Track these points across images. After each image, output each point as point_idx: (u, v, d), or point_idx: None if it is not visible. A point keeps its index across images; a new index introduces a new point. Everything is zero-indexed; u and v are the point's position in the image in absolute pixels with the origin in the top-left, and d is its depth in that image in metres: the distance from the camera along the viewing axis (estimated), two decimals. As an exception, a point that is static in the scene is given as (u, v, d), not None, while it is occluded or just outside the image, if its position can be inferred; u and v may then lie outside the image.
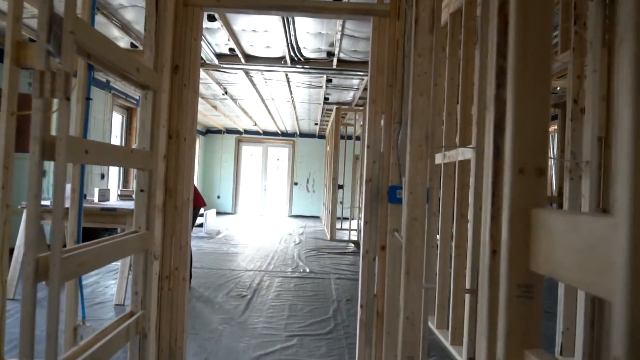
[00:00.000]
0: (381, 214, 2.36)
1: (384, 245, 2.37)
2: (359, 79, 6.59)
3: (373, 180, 2.36)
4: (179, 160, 2.33)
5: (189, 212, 2.39)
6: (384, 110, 2.37)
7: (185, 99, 2.35)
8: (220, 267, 5.62)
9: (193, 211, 4.43)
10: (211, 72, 6.71)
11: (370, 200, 2.35)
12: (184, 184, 2.35)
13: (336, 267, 5.93)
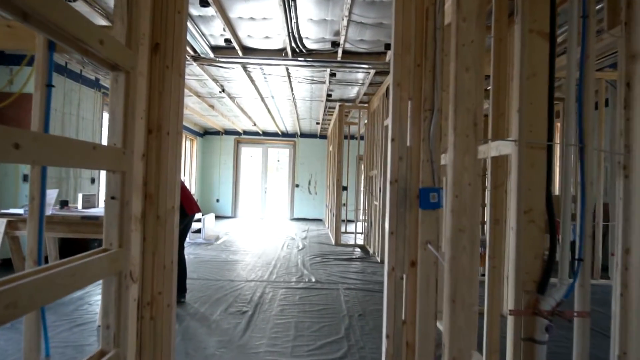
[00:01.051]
0: (410, 222, 1.92)
1: (414, 261, 1.93)
2: (365, 72, 6.16)
3: (399, 181, 1.93)
4: (162, 160, 1.90)
5: (174, 223, 1.95)
6: (411, 95, 1.94)
7: (168, 85, 1.91)
8: (219, 277, 5.18)
9: (186, 219, 4.00)
10: (207, 68, 6.28)
11: (396, 205, 1.91)
12: (168, 189, 1.91)
13: (344, 276, 5.49)
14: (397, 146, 1.92)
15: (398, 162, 1.91)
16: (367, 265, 6.31)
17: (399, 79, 1.95)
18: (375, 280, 5.27)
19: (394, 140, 1.92)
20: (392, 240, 1.91)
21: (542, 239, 2.14)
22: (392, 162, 1.92)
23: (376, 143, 7.24)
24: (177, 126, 1.93)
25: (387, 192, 1.93)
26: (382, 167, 6.58)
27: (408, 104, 1.94)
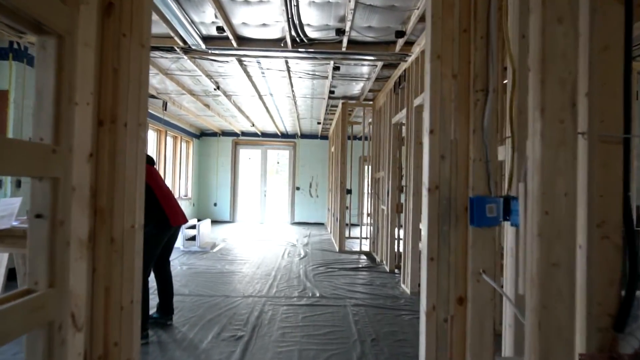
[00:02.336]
0: (457, 243, 1.42)
1: (462, 297, 1.42)
2: (371, 65, 5.66)
3: (441, 188, 1.42)
4: (117, 161, 1.39)
5: (135, 247, 1.44)
6: (456, 71, 1.43)
7: (126, 59, 1.41)
8: (213, 292, 4.66)
9: (169, 231, 3.49)
10: (199, 63, 5.78)
11: (437, 221, 1.40)
12: (127, 201, 1.41)
13: (350, 289, 4.97)
14: (437, 140, 1.41)
15: (439, 162, 1.41)
16: (375, 275, 5.80)
17: (438, 50, 1.44)
18: (385, 294, 4.76)
19: (433, 132, 1.41)
20: (431, 268, 1.41)
21: (619, 260, 1.62)
22: (430, 163, 1.41)
23: (383, 143, 6.73)
24: (138, 116, 1.42)
25: (423, 203, 1.41)
26: (389, 169, 6.08)
27: (451, 83, 1.44)
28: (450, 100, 1.42)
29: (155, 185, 3.26)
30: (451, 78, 1.43)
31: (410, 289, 4.79)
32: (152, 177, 3.28)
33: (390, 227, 6.05)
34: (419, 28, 4.31)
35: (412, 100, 4.87)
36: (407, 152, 5.05)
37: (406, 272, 4.97)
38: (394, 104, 5.95)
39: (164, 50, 5.09)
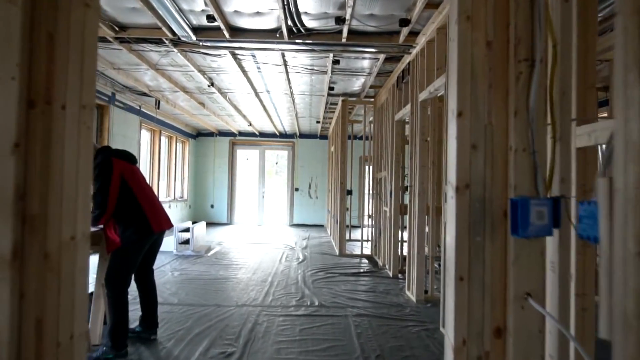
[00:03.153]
0: (493, 259, 1.10)
1: (500, 328, 1.10)
2: (373, 57, 5.34)
3: (473, 187, 1.10)
4: (53, 154, 1.07)
5: (79, 264, 1.12)
6: (490, 36, 1.11)
7: (65, 23, 1.09)
8: (204, 301, 4.34)
9: (151, 238, 3.15)
10: (191, 57, 5.46)
11: (467, 229, 1.08)
12: (66, 204, 1.08)
13: (352, 297, 4.65)
14: (467, 126, 1.09)
15: (470, 153, 1.09)
16: (377, 281, 5.47)
17: (467, 9, 1.12)
18: (389, 302, 4.44)
19: (462, 115, 1.09)
20: (461, 291, 1.09)
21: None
22: (458, 155, 1.09)
23: (385, 141, 6.42)
24: (81, 95, 1.10)
25: (449, 206, 1.09)
26: (392, 168, 5.76)
27: (485, 51, 1.12)
28: (484, 74, 1.10)
29: (136, 186, 2.95)
30: (484, 46, 1.11)
31: (416, 296, 4.47)
32: (133, 177, 2.97)
33: (393, 230, 5.73)
34: (425, 16, 4.00)
35: (417, 95, 4.56)
36: (412, 150, 4.73)
37: (411, 278, 4.65)
38: (397, 100, 5.64)
39: (152, 43, 4.78)
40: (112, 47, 5.05)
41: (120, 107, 7.65)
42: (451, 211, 1.11)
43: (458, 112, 1.09)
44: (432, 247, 4.67)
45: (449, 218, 1.11)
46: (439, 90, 3.92)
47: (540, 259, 1.05)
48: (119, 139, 7.61)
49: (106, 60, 5.73)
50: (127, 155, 3.04)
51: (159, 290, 4.68)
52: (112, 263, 2.86)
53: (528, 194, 1.05)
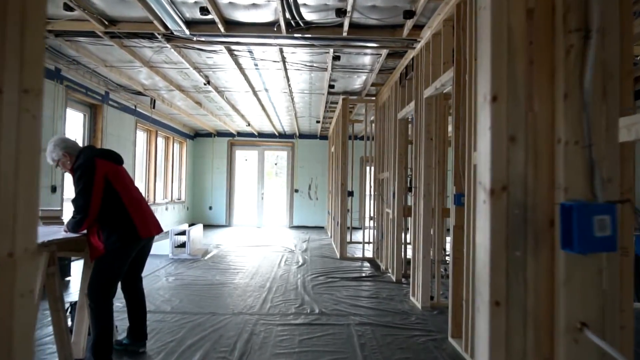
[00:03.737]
0: (537, 279, 0.87)
1: (547, 364, 0.87)
2: (375, 53, 5.13)
3: (512, 188, 0.88)
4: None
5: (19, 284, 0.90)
6: (532, 3, 0.89)
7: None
8: (198, 309, 4.12)
9: (139, 244, 2.91)
10: (186, 53, 5.25)
11: (504, 242, 0.86)
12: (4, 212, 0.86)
13: (354, 303, 4.43)
14: (503, 113, 0.88)
15: (508, 147, 0.87)
16: (380, 286, 5.25)
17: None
18: (393, 310, 4.22)
19: (497, 100, 0.88)
20: (497, 318, 0.87)
21: None
22: (493, 148, 0.88)
23: (387, 141, 6.21)
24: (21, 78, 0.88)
25: (479, 212, 0.88)
26: (395, 169, 5.55)
27: (524, 22, 0.90)
28: (524, 48, 0.88)
29: (122, 188, 2.73)
30: (524, 14, 0.90)
31: (422, 303, 4.25)
32: (118, 178, 2.75)
33: (396, 233, 5.51)
34: (430, 7, 3.79)
35: (421, 92, 4.34)
36: (416, 150, 4.51)
37: (416, 284, 4.43)
38: (400, 98, 5.43)
39: (144, 38, 4.57)
40: (103, 43, 4.84)
41: (114, 107, 7.44)
42: (483, 219, 0.89)
43: (492, 96, 0.88)
44: (437, 251, 4.46)
45: (480, 228, 0.90)
46: (445, 85, 3.70)
47: (597, 280, 0.84)
48: (114, 140, 7.39)
49: (98, 58, 5.51)
50: (112, 155, 2.83)
51: (152, 296, 4.46)
52: (96, 271, 2.64)
53: (582, 197, 0.84)
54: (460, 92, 3.36)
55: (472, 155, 2.97)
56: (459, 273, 3.35)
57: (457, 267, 3.35)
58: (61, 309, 2.61)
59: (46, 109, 5.48)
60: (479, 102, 0.93)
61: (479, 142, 0.92)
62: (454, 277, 3.37)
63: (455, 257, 3.38)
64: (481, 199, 0.91)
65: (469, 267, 2.97)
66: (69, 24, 4.26)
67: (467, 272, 2.99)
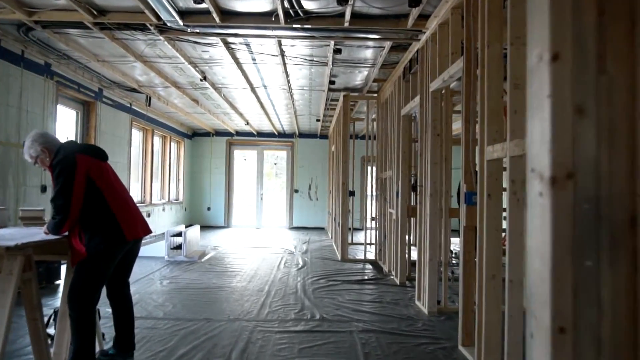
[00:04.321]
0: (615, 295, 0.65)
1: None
2: (377, 46, 4.91)
3: (580, 177, 0.66)
4: None
5: None
6: None
7: None
8: (193, 315, 3.90)
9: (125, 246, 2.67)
10: (180, 47, 5.03)
11: (571, 248, 0.64)
12: None
13: (357, 308, 4.21)
14: (567, 76, 0.66)
15: (574, 121, 0.66)
16: (383, 290, 5.03)
17: None
18: (398, 315, 4.00)
19: (558, 59, 0.66)
20: (562, 349, 0.65)
21: None
22: (553, 123, 0.66)
23: (390, 138, 5.99)
24: None
25: (531, 206, 0.65)
26: (398, 167, 5.33)
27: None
28: None
29: (106, 186, 2.51)
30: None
31: (428, 308, 4.02)
32: (102, 176, 2.53)
33: (400, 234, 5.29)
34: (438, -5, 3.57)
35: (427, 85, 4.13)
36: (422, 146, 4.30)
37: (422, 287, 4.21)
38: (404, 93, 5.21)
39: (136, 29, 4.35)
40: (93, 35, 4.63)
41: (108, 104, 7.22)
42: (540, 218, 0.67)
43: (552, 54, 0.66)
44: (444, 253, 4.24)
45: (535, 229, 0.68)
46: (454, 77, 3.48)
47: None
48: (108, 138, 7.18)
49: (89, 52, 5.30)
50: (95, 151, 2.61)
51: (144, 301, 4.25)
52: (77, 277, 2.42)
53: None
54: (470, 83, 3.15)
55: (485, 151, 2.75)
56: (469, 277, 3.13)
57: (468, 270, 3.13)
58: (39, 317, 2.40)
59: (35, 106, 5.27)
60: (530, 65, 0.71)
61: (531, 116, 0.70)
62: (464, 281, 3.15)
63: (465, 260, 3.16)
64: (535, 191, 0.69)
65: (481, 270, 2.75)
66: (56, 14, 4.04)
67: (480, 275, 2.77)
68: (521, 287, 2.41)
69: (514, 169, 2.40)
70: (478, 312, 2.81)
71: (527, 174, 0.71)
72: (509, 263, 2.39)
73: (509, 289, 2.40)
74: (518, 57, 2.42)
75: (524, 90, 2.51)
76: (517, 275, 2.39)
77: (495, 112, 2.74)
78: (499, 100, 2.75)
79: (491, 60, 2.74)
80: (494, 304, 2.70)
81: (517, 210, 2.40)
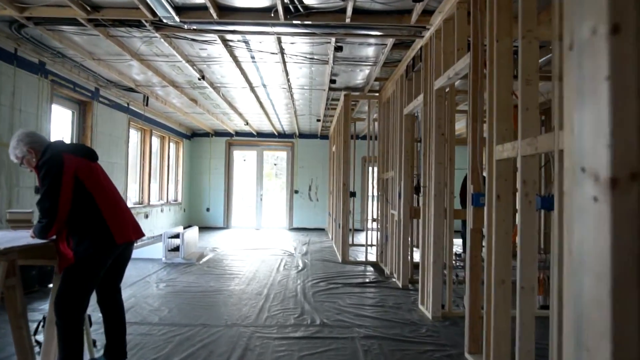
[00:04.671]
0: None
1: None
2: (379, 44, 4.79)
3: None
4: None
5: None
6: None
7: None
8: (188, 320, 3.77)
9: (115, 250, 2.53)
10: (177, 44, 4.91)
11: (637, 265, 0.51)
12: None
13: (358, 313, 4.08)
14: (630, 53, 0.53)
15: (639, 109, 0.53)
16: (385, 293, 4.90)
17: None
18: (402, 320, 3.87)
19: (619, 31, 0.53)
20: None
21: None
22: (614, 110, 0.53)
23: (392, 138, 5.87)
24: None
25: (582, 214, 0.52)
26: (400, 167, 5.20)
27: None
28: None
29: (95, 188, 2.39)
30: None
31: (432, 312, 3.89)
32: (91, 177, 2.41)
33: (402, 236, 5.16)
34: (443, -11, 3.45)
35: (431, 83, 4.01)
36: (425, 146, 4.17)
37: (426, 291, 4.08)
38: (406, 92, 5.09)
39: (131, 26, 4.23)
40: (88, 33, 4.51)
41: (105, 104, 7.09)
42: (595, 228, 0.55)
43: (611, 25, 0.53)
44: (449, 255, 4.11)
45: (586, 241, 0.56)
46: (459, 74, 3.35)
47: None
48: (105, 138, 7.05)
49: (84, 50, 5.17)
50: (84, 150, 2.49)
51: (139, 306, 4.12)
52: (64, 283, 2.29)
53: None
54: (477, 80, 3.02)
55: (493, 150, 2.62)
56: (476, 281, 3.01)
57: (475, 274, 3.01)
58: (24, 326, 2.27)
59: (29, 105, 5.14)
60: (579, 40, 0.58)
61: (580, 104, 0.58)
62: (471, 285, 3.02)
63: (472, 264, 3.03)
64: (587, 196, 0.57)
65: (490, 275, 2.62)
66: (49, 10, 3.92)
67: (488, 280, 2.65)
68: (533, 294, 2.28)
69: (526, 168, 2.28)
70: (486, 318, 2.68)
71: (568, 174, 0.59)
72: (520, 268, 2.26)
73: (520, 295, 2.27)
74: (530, 51, 2.29)
75: (536, 87, 2.39)
76: (529, 282, 2.27)
77: (504, 110, 2.61)
78: (508, 97, 2.62)
79: (500, 55, 2.62)
80: (503, 310, 2.57)
81: (529, 213, 2.28)
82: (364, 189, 10.70)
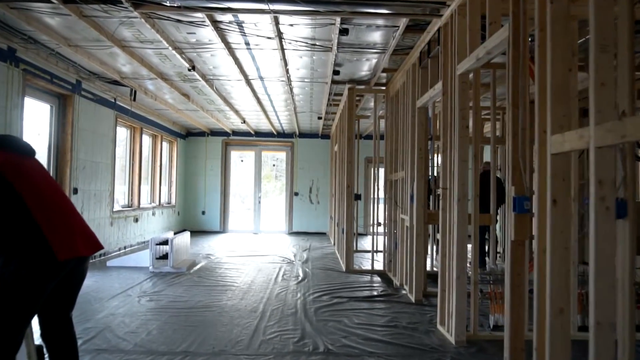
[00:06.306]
0: None
1: None
2: (390, 26, 4.22)
3: None
4: None
5: None
6: None
7: None
8: (169, 347, 3.19)
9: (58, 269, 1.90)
10: (160, 26, 4.33)
11: None
12: None
13: (368, 336, 3.50)
14: None
15: None
16: (397, 309, 4.32)
17: None
18: (420, 345, 3.28)
19: None
20: None
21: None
22: None
23: (402, 135, 5.30)
24: None
25: None
26: (412, 167, 4.64)
27: None
28: None
29: (29, 190, 1.82)
30: None
31: (455, 336, 3.31)
32: (22, 176, 1.84)
33: (415, 243, 4.58)
34: (470, -47, 2.88)
35: (453, 68, 3.44)
36: (445, 141, 3.60)
37: (447, 311, 3.50)
38: (420, 82, 4.52)
39: (106, 2, 3.65)
40: (59, 12, 3.95)
41: (88, 98, 6.52)
42: None
43: None
44: (474, 269, 3.54)
45: None
46: (492, 52, 2.78)
47: None
48: (87, 135, 6.49)
49: (58, 35, 4.60)
50: (14, 143, 1.92)
51: (112, 327, 3.54)
52: (-15, 316, 1.72)
53: None
54: (519, 57, 2.46)
55: (547, 141, 2.05)
56: (519, 306, 2.43)
57: (518, 297, 2.43)
58: None
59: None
60: None
61: None
62: (512, 311, 2.45)
63: (514, 284, 2.45)
64: None
65: (543, 302, 2.05)
66: (6, -18, 3.36)
67: (541, 308, 2.07)
68: (611, 332, 1.71)
69: (602, 164, 1.70)
70: (538, 356, 2.10)
71: None
72: (595, 298, 1.69)
73: (595, 332, 1.69)
74: (607, 9, 1.72)
75: (612, 56, 1.83)
76: (607, 317, 1.69)
77: (561, 91, 2.04)
78: (566, 74, 2.05)
79: (555, 20, 2.04)
80: (562, 346, 1.99)
81: (607, 224, 1.70)
82: (367, 192, 10.14)
